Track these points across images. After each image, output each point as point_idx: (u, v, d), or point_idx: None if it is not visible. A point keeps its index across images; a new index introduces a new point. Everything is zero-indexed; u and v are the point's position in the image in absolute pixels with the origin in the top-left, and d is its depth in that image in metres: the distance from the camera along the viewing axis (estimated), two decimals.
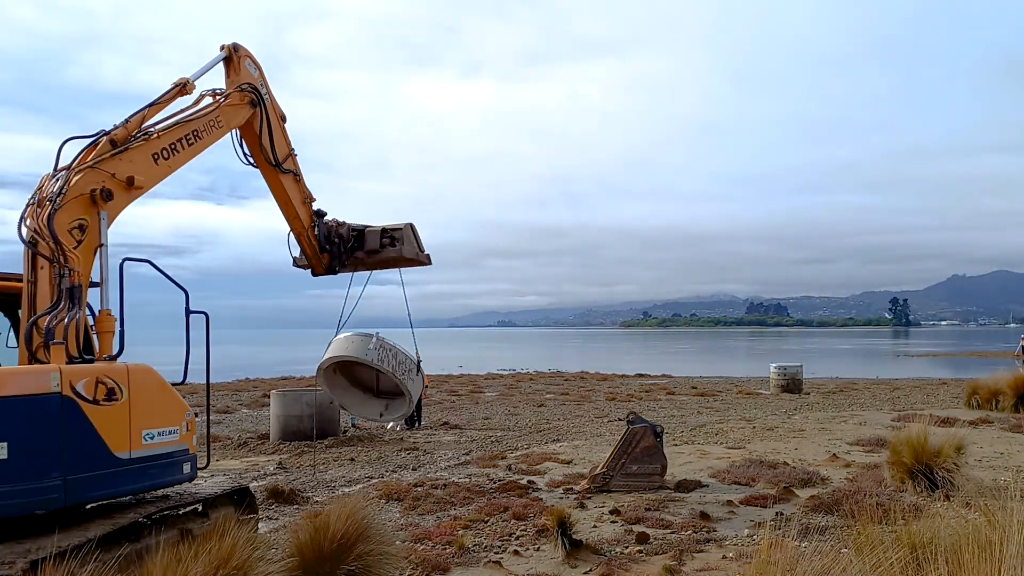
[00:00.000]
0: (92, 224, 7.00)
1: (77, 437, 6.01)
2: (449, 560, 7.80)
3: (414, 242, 10.78)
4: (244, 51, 9.29)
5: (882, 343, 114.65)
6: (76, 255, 6.73)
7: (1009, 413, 18.84)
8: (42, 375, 5.95)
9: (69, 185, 6.89)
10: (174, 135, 8.22)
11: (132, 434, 6.47)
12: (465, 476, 12.59)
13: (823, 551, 4.98)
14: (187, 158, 8.46)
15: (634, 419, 11.71)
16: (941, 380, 33.73)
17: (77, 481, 5.99)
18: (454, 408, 23.76)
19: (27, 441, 5.79)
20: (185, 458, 7.02)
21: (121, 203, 7.49)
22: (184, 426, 7.09)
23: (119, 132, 7.65)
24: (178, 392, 7.17)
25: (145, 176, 7.71)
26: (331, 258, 10.46)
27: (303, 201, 10.08)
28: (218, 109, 8.76)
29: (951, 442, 10.04)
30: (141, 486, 6.68)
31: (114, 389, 6.35)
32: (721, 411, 21.71)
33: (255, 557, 5.71)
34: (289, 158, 9.83)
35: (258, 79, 9.39)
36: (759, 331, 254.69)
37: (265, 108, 9.35)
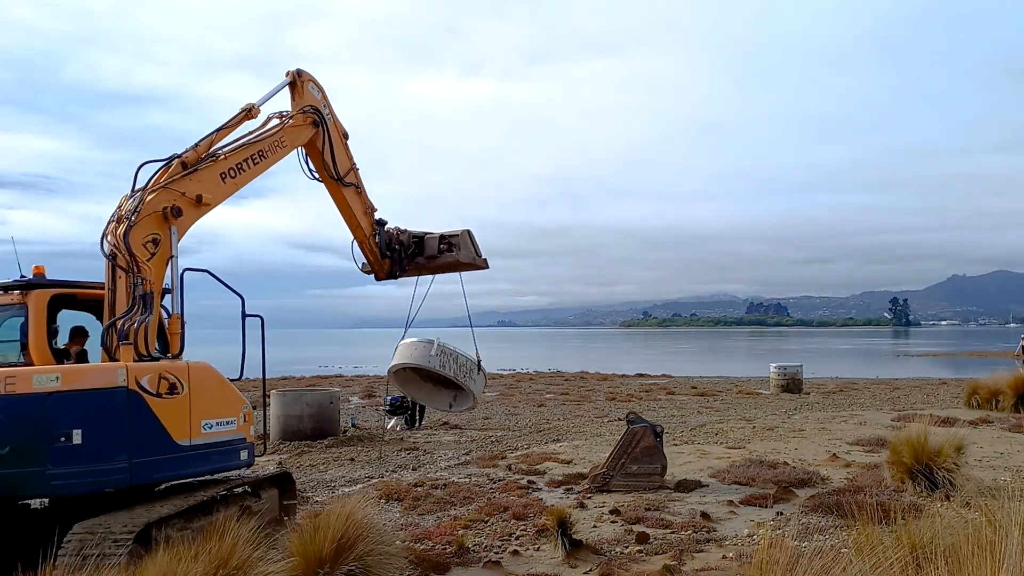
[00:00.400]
0: (164, 238, 7.97)
1: (141, 426, 6.96)
2: (449, 560, 7.81)
3: (471, 247, 11.28)
4: (307, 76, 10.05)
5: (882, 343, 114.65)
6: (149, 266, 7.70)
7: (1009, 413, 18.84)
8: (110, 372, 6.96)
9: (143, 204, 7.86)
10: (240, 156, 9.13)
11: (192, 424, 7.41)
12: (465, 476, 12.59)
13: (823, 551, 4.98)
14: (252, 176, 9.41)
15: (634, 419, 11.71)
16: (941, 380, 33.73)
17: (142, 464, 6.93)
18: None
19: (98, 429, 6.74)
20: (242, 446, 7.99)
21: (190, 219, 8.46)
22: (241, 417, 8.03)
23: (189, 155, 8.60)
24: (235, 387, 8.06)
25: (212, 194, 8.63)
26: (392, 264, 11.04)
27: (364, 212, 10.73)
28: (282, 130, 9.59)
29: (951, 442, 10.04)
30: (201, 470, 7.61)
31: (175, 384, 7.29)
32: (721, 411, 21.71)
33: (255, 557, 5.72)
34: (351, 172, 10.54)
35: (321, 101, 10.13)
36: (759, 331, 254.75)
37: (327, 127, 10.07)
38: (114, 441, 6.82)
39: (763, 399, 25.55)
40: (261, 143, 9.43)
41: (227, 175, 8.95)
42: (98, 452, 6.76)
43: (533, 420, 20.29)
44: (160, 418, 7.10)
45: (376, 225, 10.93)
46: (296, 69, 10.04)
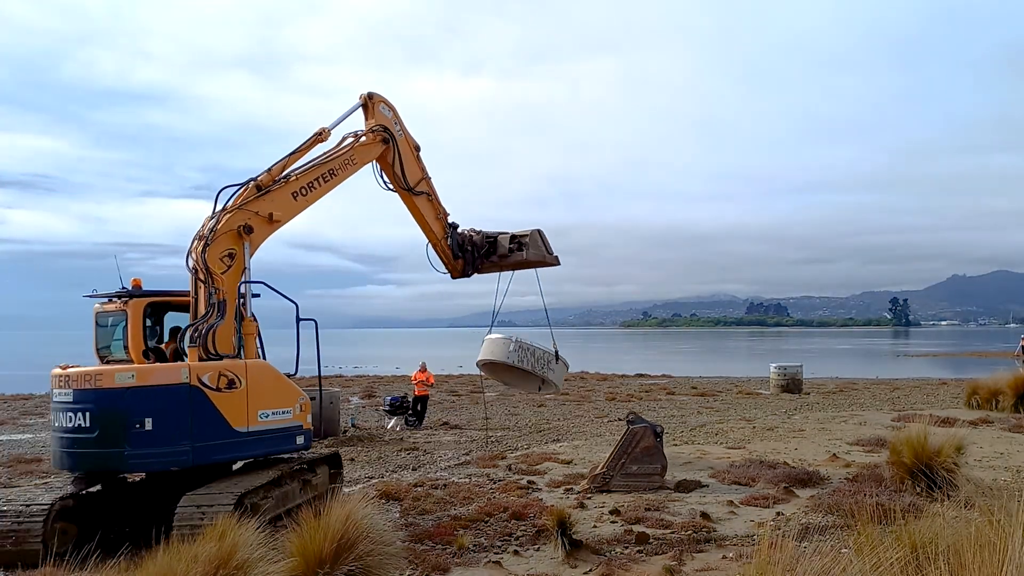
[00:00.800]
0: (239, 253, 9.29)
1: (202, 415, 8.36)
2: (449, 560, 7.80)
3: (540, 246, 11.97)
4: (378, 97, 11.05)
5: (882, 343, 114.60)
6: (222, 278, 9.02)
7: (1009, 413, 18.84)
8: (175, 371, 8.43)
9: (219, 224, 9.20)
10: (311, 175, 10.24)
11: (250, 413, 8.77)
12: (465, 476, 12.59)
13: (823, 551, 4.98)
14: (323, 193, 10.46)
15: (634, 419, 11.70)
16: (941, 380, 33.71)
17: (202, 447, 8.37)
18: (454, 408, 23.76)
19: (165, 417, 8.20)
20: (298, 432, 9.34)
21: (262, 235, 9.67)
22: (298, 407, 9.36)
23: (263, 178, 9.82)
24: (293, 382, 9.40)
25: (282, 211, 9.84)
26: (465, 263, 11.99)
27: (436, 217, 11.67)
28: (352, 149, 10.62)
29: (951, 442, 10.04)
30: (258, 452, 9.07)
31: (234, 380, 8.66)
32: (721, 411, 21.71)
33: (255, 557, 5.71)
34: (422, 181, 11.47)
35: (392, 119, 11.11)
36: (759, 331, 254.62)
37: (397, 143, 11.04)
38: (178, 428, 8.25)
39: (763, 399, 25.54)
40: (332, 162, 10.45)
41: (298, 193, 10.07)
42: (165, 437, 8.21)
43: (533, 420, 20.28)
44: (219, 409, 8.51)
45: (448, 228, 11.84)
46: (368, 92, 11.01)
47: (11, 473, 13.42)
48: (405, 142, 11.30)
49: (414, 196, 11.35)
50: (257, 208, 9.57)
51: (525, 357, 11.83)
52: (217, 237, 9.18)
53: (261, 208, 9.61)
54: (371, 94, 11.02)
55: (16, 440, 17.80)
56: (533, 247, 11.93)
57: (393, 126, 11.10)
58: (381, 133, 10.93)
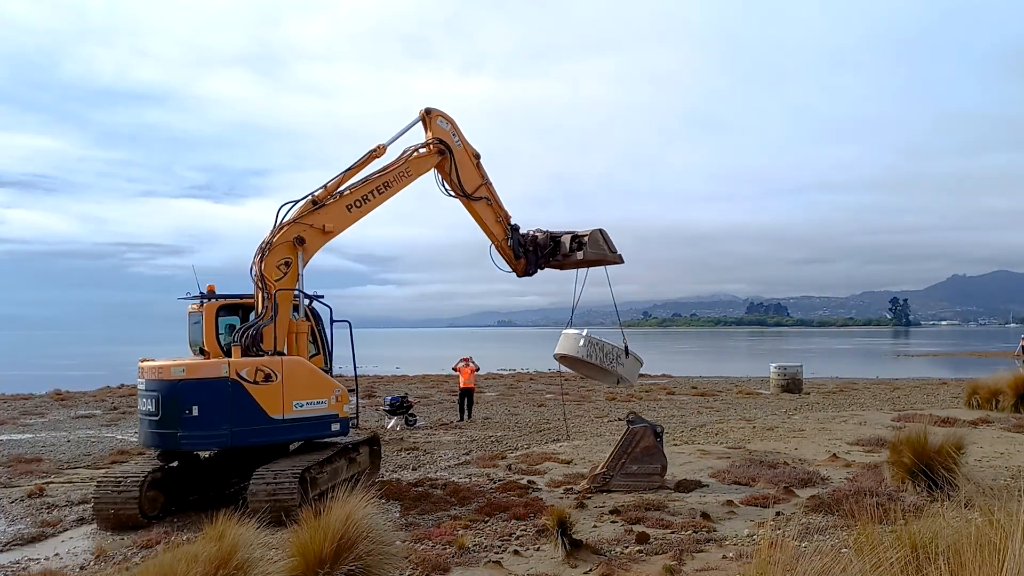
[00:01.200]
0: (294, 262, 10.68)
1: (240, 404, 9.79)
2: (449, 560, 7.80)
3: (600, 245, 12.28)
4: (436, 112, 11.87)
5: (882, 343, 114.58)
6: (276, 284, 10.48)
7: (1009, 413, 18.83)
8: (217, 366, 9.89)
9: (275, 237, 10.62)
10: (365, 188, 11.29)
11: (285, 403, 10.09)
12: (465, 476, 12.59)
13: (823, 551, 4.98)
14: (377, 204, 11.43)
15: (634, 419, 11.70)
16: (941, 380, 33.72)
17: (240, 431, 9.82)
18: (454, 408, 23.75)
19: (209, 406, 9.71)
20: (333, 420, 10.60)
21: (315, 246, 10.93)
22: (333, 399, 10.59)
23: (320, 193, 11.06)
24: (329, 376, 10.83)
25: (335, 223, 11.03)
26: (527, 263, 12.52)
27: (495, 220, 12.32)
28: (407, 162, 11.53)
29: (951, 442, 10.03)
30: (293, 437, 10.43)
31: (270, 374, 10.00)
32: (721, 411, 21.70)
33: (255, 557, 5.71)
34: (481, 187, 12.18)
35: (449, 130, 11.93)
36: (759, 331, 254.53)
37: (453, 154, 11.83)
38: (219, 415, 9.73)
39: (763, 399, 25.54)
40: (386, 175, 11.41)
41: (352, 206, 11.17)
42: (209, 422, 9.71)
43: (533, 420, 20.28)
44: (256, 399, 9.88)
45: (509, 230, 12.40)
46: (425, 108, 11.79)
47: (11, 473, 13.42)
48: (463, 151, 12.04)
49: (473, 202, 12.05)
50: (311, 221, 10.85)
51: (594, 352, 12.13)
52: (273, 248, 10.60)
53: (315, 221, 10.87)
54: (428, 109, 11.82)
55: (16, 440, 17.80)
56: (592, 246, 12.23)
57: (451, 137, 11.89)
58: (437, 145, 11.75)
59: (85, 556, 8.49)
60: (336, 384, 10.80)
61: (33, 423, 21.15)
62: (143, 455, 15.08)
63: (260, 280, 10.45)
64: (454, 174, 11.85)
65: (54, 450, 16.02)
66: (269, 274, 10.46)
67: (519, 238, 12.51)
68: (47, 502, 11.10)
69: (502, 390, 30.36)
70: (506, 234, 12.41)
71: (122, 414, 23.12)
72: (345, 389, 10.89)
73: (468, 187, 11.98)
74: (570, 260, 12.48)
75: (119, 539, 9.14)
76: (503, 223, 12.44)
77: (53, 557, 8.50)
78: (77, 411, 24.06)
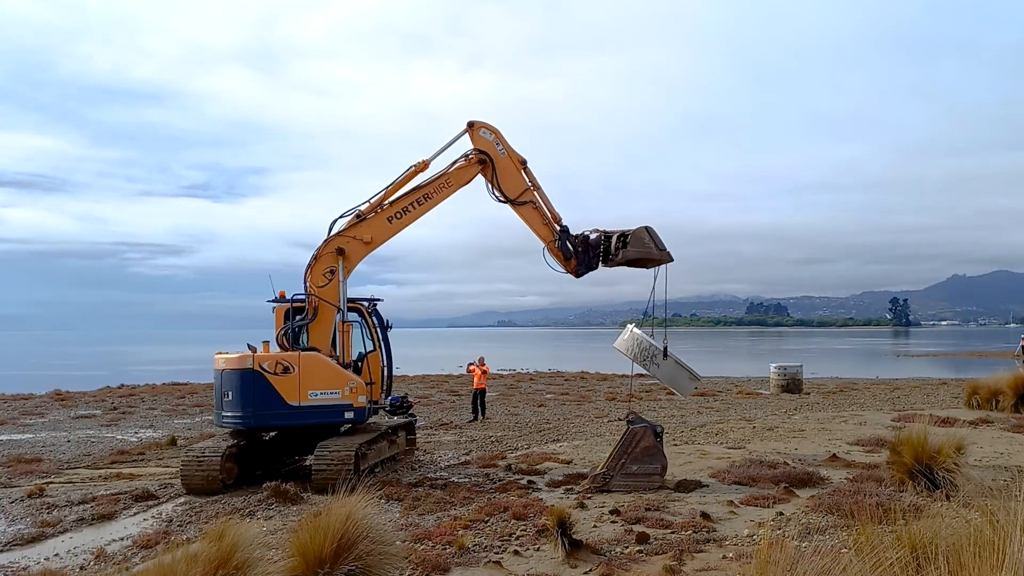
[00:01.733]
0: (337, 270, 12.29)
1: (262, 392, 11.59)
2: (449, 560, 7.80)
3: (644, 243, 12.41)
4: (479, 123, 12.65)
5: (882, 343, 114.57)
6: (319, 291, 12.24)
7: (1009, 413, 18.83)
8: (244, 359, 11.69)
9: (320, 248, 12.33)
10: (406, 200, 12.44)
11: (301, 392, 11.72)
12: (465, 476, 12.59)
13: (823, 551, 4.97)
14: (419, 215, 12.52)
15: (634, 419, 11.70)
16: (941, 380, 33.71)
17: (261, 415, 11.67)
18: (454, 408, 23.75)
19: (238, 392, 11.66)
20: (347, 409, 11.94)
21: (358, 255, 12.43)
22: (347, 390, 11.94)
23: (365, 208, 12.42)
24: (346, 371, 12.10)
25: (376, 234, 12.41)
26: (578, 264, 12.92)
27: (543, 223, 12.81)
28: (447, 174, 12.50)
29: (951, 442, 10.03)
30: (308, 422, 11.88)
31: (288, 367, 11.70)
32: (721, 411, 21.70)
33: (255, 557, 5.71)
34: (526, 192, 12.74)
35: (492, 140, 12.63)
36: (759, 331, 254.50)
37: (494, 163, 12.57)
38: (245, 400, 11.62)
39: (763, 399, 25.54)
40: (427, 188, 12.42)
41: (393, 218, 12.39)
42: (238, 405, 11.67)
43: (533, 420, 20.28)
44: (276, 387, 11.61)
45: (557, 232, 12.75)
46: (469, 120, 12.55)
47: (11, 473, 13.43)
48: (507, 159, 12.67)
49: (518, 206, 12.64)
50: (353, 233, 12.32)
51: (631, 346, 12.30)
52: (319, 259, 12.31)
53: (358, 233, 12.32)
54: (472, 122, 12.56)
55: (16, 440, 17.80)
56: (635, 244, 12.37)
57: (494, 147, 12.58)
58: (477, 156, 12.53)
59: (85, 556, 8.49)
60: (352, 377, 12.04)
61: (33, 423, 21.15)
62: (143, 455, 15.13)
63: (304, 286, 12.20)
64: (495, 182, 12.54)
65: (54, 450, 16.02)
66: (314, 281, 12.23)
67: (569, 239, 12.82)
68: (47, 502, 11.11)
69: (502, 390, 30.38)
70: (554, 236, 12.81)
71: (122, 414, 23.12)
72: (361, 382, 12.15)
73: (512, 193, 12.59)
74: (617, 259, 12.67)
75: (122, 539, 9.15)
76: (550, 225, 12.82)
77: (53, 557, 8.50)
78: (77, 411, 24.06)
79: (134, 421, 21.53)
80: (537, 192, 12.84)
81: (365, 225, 12.36)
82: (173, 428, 19.54)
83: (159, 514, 10.41)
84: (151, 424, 20.72)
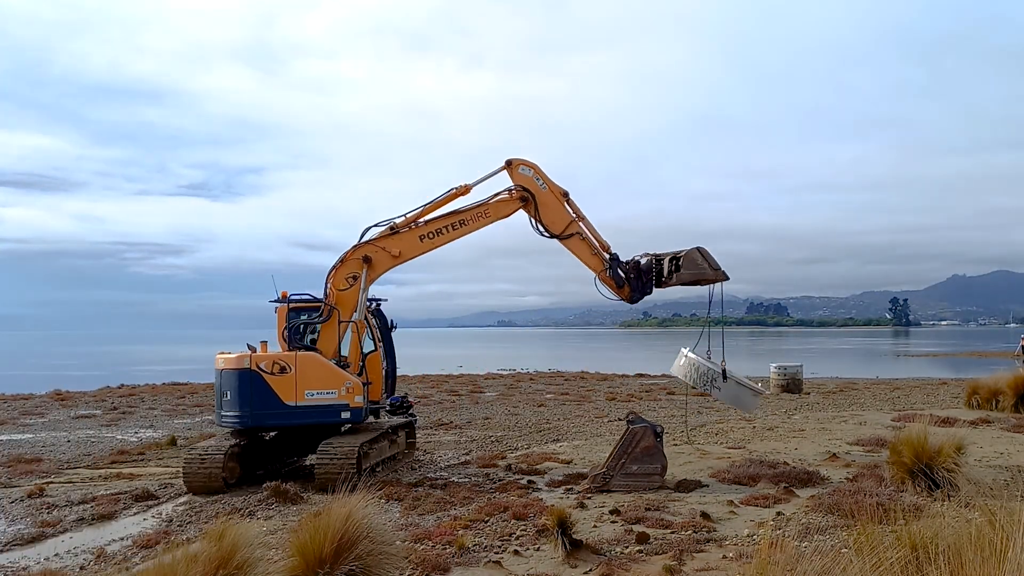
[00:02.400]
0: (360, 277, 12.39)
1: (259, 391, 11.61)
2: (449, 560, 7.80)
3: (697, 264, 12.43)
4: (518, 160, 12.71)
5: (882, 343, 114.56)
6: (336, 294, 12.37)
7: (1009, 413, 18.82)
8: (242, 359, 11.71)
9: (347, 254, 12.43)
10: (441, 222, 12.52)
11: (297, 392, 11.73)
12: (465, 476, 12.59)
13: (823, 551, 4.98)
14: (451, 239, 12.57)
15: (634, 419, 11.70)
16: (941, 380, 33.70)
17: (259, 414, 11.69)
18: (454, 408, 23.74)
19: (236, 392, 11.69)
20: (344, 408, 11.91)
21: (382, 266, 12.49)
22: (343, 390, 11.90)
23: (400, 221, 12.53)
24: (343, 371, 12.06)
25: (405, 249, 12.50)
26: (632, 290, 12.92)
27: (591, 253, 12.80)
28: (487, 204, 12.61)
29: (951, 442, 10.03)
30: (305, 421, 11.91)
31: (285, 367, 11.72)
32: (721, 411, 21.69)
33: (255, 557, 5.70)
34: (571, 224, 12.71)
35: (532, 176, 12.66)
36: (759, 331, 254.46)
37: (536, 199, 12.60)
38: (243, 400, 11.63)
39: (763, 399, 25.51)
40: (464, 213, 12.52)
41: (425, 237, 12.49)
42: (236, 405, 11.69)
43: (533, 420, 20.27)
44: (272, 387, 11.62)
45: (607, 260, 12.73)
46: (508, 159, 12.66)
47: (11, 473, 13.42)
48: (549, 193, 12.70)
49: (565, 240, 12.66)
50: (384, 244, 12.44)
51: (689, 372, 12.37)
52: (345, 262, 12.41)
53: (388, 245, 12.45)
54: (510, 160, 12.65)
55: (16, 440, 17.79)
56: (687, 266, 12.36)
57: (534, 183, 12.61)
58: (520, 192, 12.61)
59: (85, 556, 8.49)
60: (348, 377, 12.04)
61: (33, 423, 21.14)
62: (143, 455, 15.13)
63: (325, 286, 12.38)
64: (537, 217, 12.62)
65: (54, 450, 16.01)
66: (335, 284, 12.36)
67: (620, 266, 12.78)
68: (47, 502, 11.10)
69: (502, 390, 30.37)
70: (604, 265, 12.77)
71: (122, 414, 23.11)
72: (358, 382, 12.12)
73: (556, 228, 12.62)
74: (670, 282, 12.65)
75: (122, 539, 9.15)
76: (599, 255, 12.77)
77: (53, 557, 8.50)
78: (77, 411, 24.05)
79: (134, 421, 21.53)
80: (583, 222, 12.80)
81: (397, 239, 12.47)
82: (173, 428, 19.53)
83: (159, 514, 10.41)
84: (151, 424, 20.72)
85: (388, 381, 13.90)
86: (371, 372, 13.15)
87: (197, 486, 11.42)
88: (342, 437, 11.97)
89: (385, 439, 12.99)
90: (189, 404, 25.95)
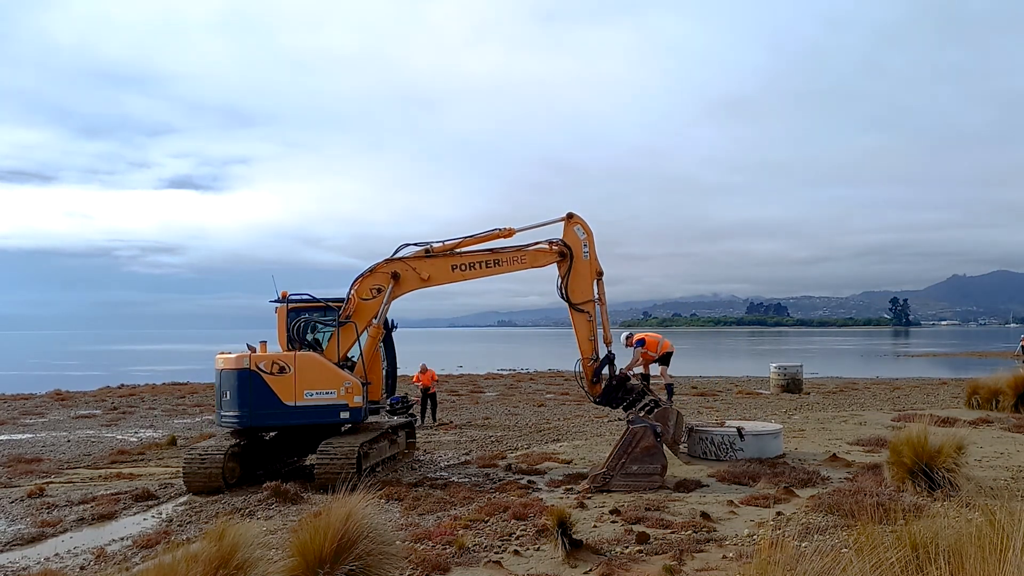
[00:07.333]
0: (385, 292, 12.48)
1: (258, 391, 11.69)
2: (449, 560, 7.79)
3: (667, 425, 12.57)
4: (578, 218, 12.62)
5: (882, 343, 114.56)
6: (357, 302, 12.46)
7: (1009, 413, 18.81)
8: (241, 359, 11.80)
9: (377, 266, 12.53)
10: (477, 258, 12.57)
11: (297, 392, 11.79)
12: (465, 476, 12.59)
13: (823, 551, 4.97)
14: (482, 275, 12.60)
15: (634, 419, 11.70)
16: (941, 380, 33.71)
17: (258, 414, 11.77)
18: (454, 408, 23.75)
19: (235, 391, 11.77)
20: (343, 408, 11.94)
21: (408, 285, 12.53)
22: (342, 390, 11.94)
23: (437, 247, 12.58)
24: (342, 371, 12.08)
25: (435, 275, 12.51)
26: (603, 393, 12.89)
27: (587, 338, 12.68)
28: (524, 251, 12.62)
29: (951, 442, 10.02)
30: (304, 421, 11.96)
31: (284, 367, 11.79)
32: (721, 411, 21.68)
33: (255, 557, 5.70)
34: (589, 303, 12.65)
35: (583, 240, 12.59)
36: (759, 331, 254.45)
37: (573, 260, 12.54)
38: (242, 399, 11.71)
39: (763, 399, 25.53)
40: (501, 254, 12.56)
41: (457, 267, 12.51)
42: (235, 405, 11.77)
43: (533, 420, 20.27)
44: (272, 387, 11.70)
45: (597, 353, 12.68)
46: (569, 212, 12.61)
47: (11, 473, 13.42)
48: (586, 264, 12.61)
49: (574, 312, 12.61)
50: (415, 265, 12.47)
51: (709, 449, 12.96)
52: (373, 273, 12.51)
53: (419, 267, 12.48)
54: (571, 215, 12.56)
55: (16, 440, 17.80)
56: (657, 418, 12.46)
57: (581, 247, 12.56)
58: (561, 247, 12.54)
59: (85, 556, 8.49)
60: (347, 377, 12.08)
61: (33, 423, 21.15)
62: (143, 455, 15.14)
63: (349, 291, 12.48)
64: (567, 279, 12.54)
65: (54, 450, 16.02)
66: (359, 292, 12.45)
67: (610, 367, 12.74)
68: (47, 502, 11.10)
69: (502, 390, 30.36)
70: (594, 354, 12.70)
71: (122, 414, 23.12)
72: (357, 382, 12.11)
73: (575, 297, 12.55)
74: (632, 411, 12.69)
75: (122, 539, 9.15)
76: (594, 343, 12.73)
77: (53, 557, 8.50)
78: (77, 411, 24.06)
79: (134, 421, 21.53)
80: (600, 306, 12.78)
81: (430, 263, 12.48)
82: (173, 428, 19.54)
83: (159, 514, 10.42)
84: (151, 424, 20.72)
85: (388, 381, 13.87)
86: (371, 372, 13.13)
87: (197, 486, 11.44)
88: (342, 437, 12.01)
89: (385, 439, 13.05)
90: (189, 404, 25.95)
